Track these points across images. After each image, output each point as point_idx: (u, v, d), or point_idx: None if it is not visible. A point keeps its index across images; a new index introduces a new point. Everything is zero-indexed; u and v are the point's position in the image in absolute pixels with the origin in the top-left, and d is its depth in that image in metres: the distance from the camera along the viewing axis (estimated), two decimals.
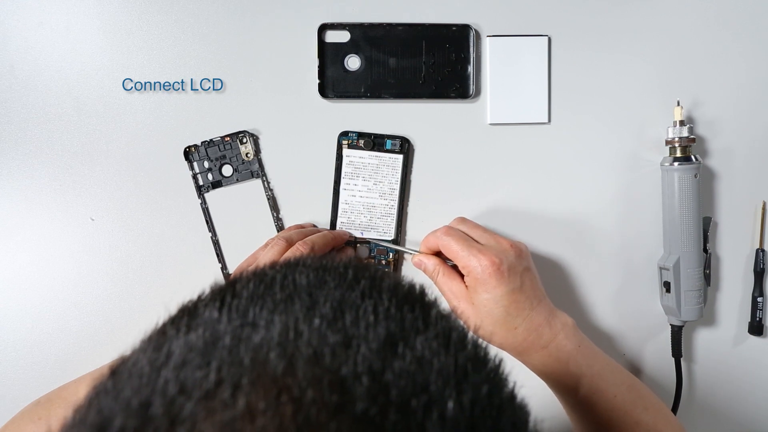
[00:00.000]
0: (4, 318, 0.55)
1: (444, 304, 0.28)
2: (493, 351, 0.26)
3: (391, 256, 0.57)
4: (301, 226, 0.56)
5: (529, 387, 0.25)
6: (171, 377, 0.21)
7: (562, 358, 0.49)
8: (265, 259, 0.50)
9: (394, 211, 0.57)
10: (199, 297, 0.28)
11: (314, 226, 0.57)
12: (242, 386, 0.20)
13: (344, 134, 0.56)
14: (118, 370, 0.24)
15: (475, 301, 0.49)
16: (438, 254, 0.54)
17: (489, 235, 0.52)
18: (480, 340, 0.26)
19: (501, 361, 0.25)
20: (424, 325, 0.25)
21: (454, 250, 0.50)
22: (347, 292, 0.26)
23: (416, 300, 0.27)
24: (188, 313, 0.26)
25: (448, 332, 0.25)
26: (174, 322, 0.25)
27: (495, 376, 0.24)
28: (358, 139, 0.56)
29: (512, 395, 0.24)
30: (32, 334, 0.55)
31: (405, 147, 0.56)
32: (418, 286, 0.29)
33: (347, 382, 0.21)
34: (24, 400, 0.51)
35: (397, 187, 0.57)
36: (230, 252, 0.56)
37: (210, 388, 0.20)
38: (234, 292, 0.26)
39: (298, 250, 0.50)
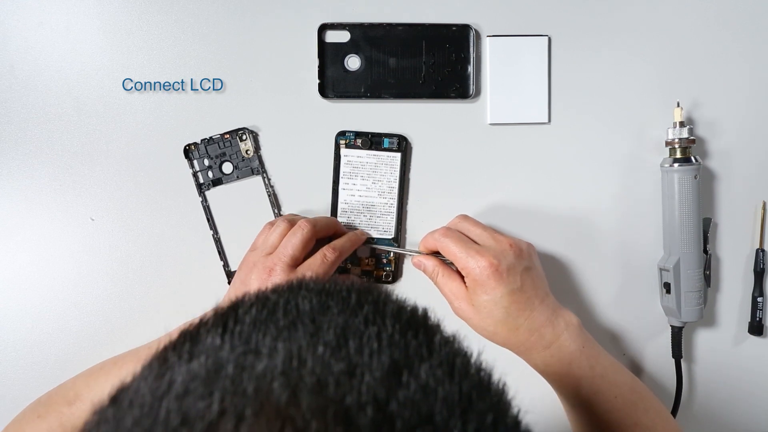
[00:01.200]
0: (4, 318, 0.55)
1: (448, 328, 0.28)
2: (497, 374, 0.25)
3: (392, 255, 0.57)
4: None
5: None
6: (173, 407, 0.21)
7: (564, 358, 0.49)
8: (271, 240, 0.51)
9: (394, 210, 0.57)
10: (201, 321, 0.27)
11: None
12: (246, 417, 0.20)
13: (341, 134, 0.56)
14: (118, 398, 0.23)
15: (475, 303, 0.49)
16: (437, 254, 0.54)
17: (488, 235, 0.51)
18: (484, 364, 0.26)
19: (504, 384, 0.25)
20: (428, 351, 0.25)
21: (452, 251, 0.50)
22: (350, 318, 0.26)
23: (419, 325, 0.27)
24: (190, 339, 0.26)
25: (452, 359, 0.24)
26: (176, 348, 0.25)
27: (499, 403, 0.24)
28: (355, 139, 0.56)
29: (516, 421, 0.24)
30: (32, 334, 0.55)
31: (403, 145, 0.56)
32: (420, 310, 0.29)
33: (352, 412, 0.20)
34: (24, 400, 0.51)
35: (396, 185, 0.57)
36: (232, 249, 0.56)
37: (213, 419, 0.20)
38: (236, 317, 0.26)
39: (300, 228, 0.50)
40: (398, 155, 0.57)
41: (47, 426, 0.47)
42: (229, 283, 0.56)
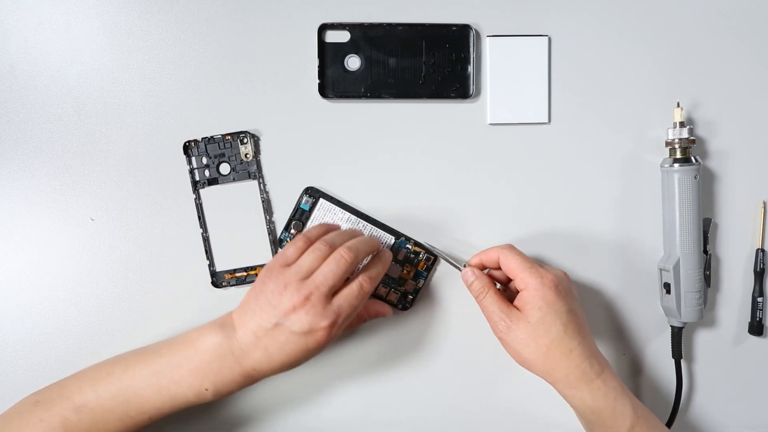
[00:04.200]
0: (4, 318, 0.55)
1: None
2: None
3: (421, 257, 0.57)
4: (328, 226, 0.54)
5: None
6: None
7: (610, 393, 0.48)
8: (307, 262, 0.48)
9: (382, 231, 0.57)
10: None
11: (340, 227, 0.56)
12: None
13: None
14: None
15: (531, 319, 0.48)
16: (483, 270, 0.54)
17: (541, 263, 0.54)
18: None
19: None
20: None
21: (515, 261, 0.50)
22: None
23: None
24: None
25: None
26: None
27: None
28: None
29: None
30: (32, 334, 0.55)
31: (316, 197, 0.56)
32: None
33: None
34: None
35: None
36: (219, 250, 0.56)
37: None
38: None
39: (343, 258, 0.47)
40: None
41: (50, 430, 0.46)
42: (213, 283, 0.56)
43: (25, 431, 0.46)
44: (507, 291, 0.54)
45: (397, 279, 0.57)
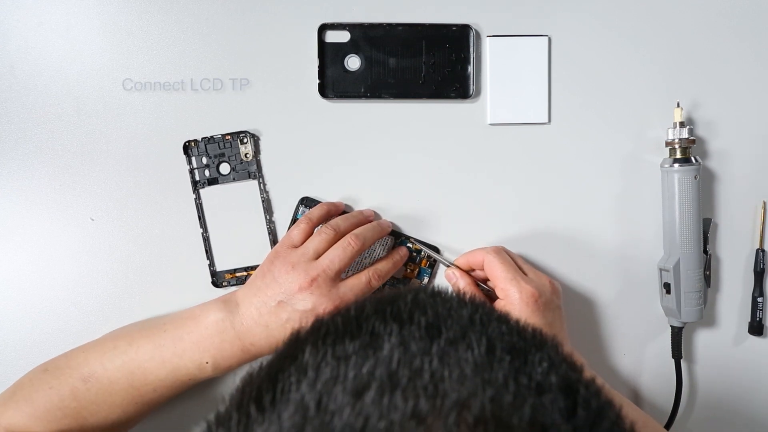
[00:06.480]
0: (4, 318, 0.55)
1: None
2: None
3: (423, 254, 0.57)
4: (334, 205, 0.55)
5: None
6: None
7: None
8: (314, 245, 0.50)
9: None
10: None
11: (346, 205, 0.56)
12: None
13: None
14: None
15: None
16: (470, 272, 0.54)
17: (528, 268, 0.53)
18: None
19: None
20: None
21: (499, 270, 0.50)
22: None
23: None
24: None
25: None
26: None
27: None
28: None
29: None
30: (32, 334, 0.55)
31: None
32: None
33: None
34: None
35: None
36: (219, 250, 0.56)
37: None
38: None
39: (350, 245, 0.49)
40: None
41: (59, 397, 0.47)
42: (213, 283, 0.56)
43: (36, 397, 0.47)
44: (493, 290, 0.54)
45: (401, 279, 0.57)
